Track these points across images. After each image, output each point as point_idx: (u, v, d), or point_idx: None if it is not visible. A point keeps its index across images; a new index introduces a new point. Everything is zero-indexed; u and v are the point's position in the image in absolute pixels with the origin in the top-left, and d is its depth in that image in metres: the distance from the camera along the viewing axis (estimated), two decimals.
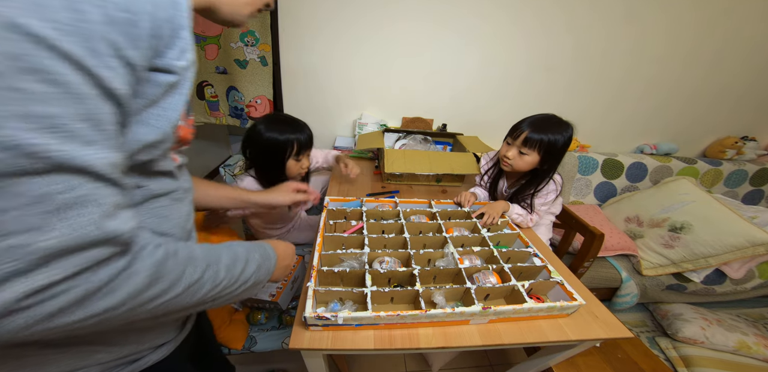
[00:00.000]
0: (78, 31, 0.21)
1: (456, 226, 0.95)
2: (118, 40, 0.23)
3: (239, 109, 1.74)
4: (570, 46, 1.58)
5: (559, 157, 1.01)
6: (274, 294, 1.03)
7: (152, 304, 0.30)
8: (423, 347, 0.63)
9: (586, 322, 0.72)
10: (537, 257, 0.83)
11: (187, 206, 0.45)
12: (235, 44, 1.56)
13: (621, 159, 1.85)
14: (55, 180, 0.22)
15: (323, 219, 0.88)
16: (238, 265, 0.41)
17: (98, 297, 0.26)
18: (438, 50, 1.56)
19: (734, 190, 1.99)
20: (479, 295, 0.70)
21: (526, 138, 0.97)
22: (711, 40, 1.63)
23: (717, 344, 1.32)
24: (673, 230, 1.52)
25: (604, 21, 1.53)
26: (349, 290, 0.66)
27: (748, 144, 1.96)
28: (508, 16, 1.49)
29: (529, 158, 1.00)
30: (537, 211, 1.09)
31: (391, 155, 1.31)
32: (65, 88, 0.21)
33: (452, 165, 1.32)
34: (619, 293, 1.54)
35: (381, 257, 0.78)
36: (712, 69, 1.73)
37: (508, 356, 1.42)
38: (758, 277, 1.54)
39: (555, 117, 1.00)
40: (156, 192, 0.38)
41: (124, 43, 0.24)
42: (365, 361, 1.33)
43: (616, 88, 1.75)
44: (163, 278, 0.31)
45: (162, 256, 0.31)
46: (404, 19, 1.47)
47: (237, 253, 0.43)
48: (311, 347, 0.60)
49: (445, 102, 1.71)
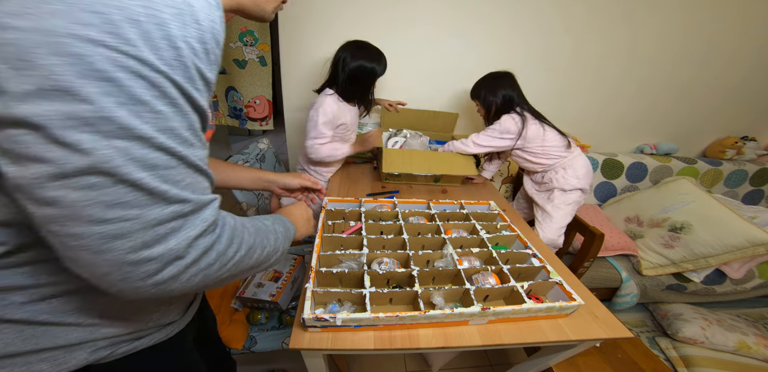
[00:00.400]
0: (180, 64, 0.28)
1: (455, 228, 0.95)
2: (202, 67, 0.31)
3: (238, 109, 1.74)
4: (569, 46, 1.58)
5: (489, 96, 1.27)
6: (274, 294, 1.03)
7: (230, 263, 0.37)
8: (423, 347, 0.63)
9: (586, 322, 0.72)
10: (536, 258, 0.83)
11: None
12: (234, 44, 1.56)
13: (621, 159, 1.85)
14: (180, 171, 0.31)
15: (322, 219, 0.88)
16: (271, 236, 0.48)
17: (205, 255, 0.34)
18: (438, 50, 1.56)
19: (734, 190, 1.99)
20: (478, 296, 0.70)
21: (470, 95, 1.36)
22: (712, 40, 1.63)
23: (717, 344, 1.32)
24: (673, 230, 1.52)
25: (602, 21, 1.53)
26: (348, 291, 0.66)
27: (748, 144, 1.96)
28: (506, 18, 1.49)
29: (479, 106, 1.34)
30: (474, 136, 1.33)
31: (389, 155, 1.31)
32: (179, 108, 0.29)
33: (451, 166, 1.33)
34: (619, 293, 1.54)
35: (380, 258, 0.78)
36: (711, 69, 1.73)
37: (508, 356, 1.42)
38: (758, 277, 1.54)
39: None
40: None
41: (206, 68, 0.31)
42: (365, 361, 1.33)
43: (616, 88, 1.75)
44: (233, 242, 0.38)
45: (232, 224, 0.39)
46: (404, 19, 1.47)
47: (266, 225, 0.49)
48: (311, 347, 0.60)
49: (446, 102, 1.71)
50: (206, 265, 0.34)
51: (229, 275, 0.39)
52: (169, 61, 0.27)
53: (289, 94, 1.66)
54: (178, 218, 0.31)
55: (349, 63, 1.12)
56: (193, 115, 0.31)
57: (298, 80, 1.60)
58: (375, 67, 1.14)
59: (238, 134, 3.90)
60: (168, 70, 0.27)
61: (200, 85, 0.31)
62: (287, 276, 1.11)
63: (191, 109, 0.31)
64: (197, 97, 0.31)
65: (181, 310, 0.54)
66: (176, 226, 0.31)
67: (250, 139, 3.77)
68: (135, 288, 0.31)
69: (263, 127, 1.79)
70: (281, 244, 0.50)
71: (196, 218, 0.32)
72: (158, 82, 0.27)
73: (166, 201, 0.30)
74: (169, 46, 0.27)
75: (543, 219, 1.31)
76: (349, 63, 1.12)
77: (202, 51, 0.30)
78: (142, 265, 0.29)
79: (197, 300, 0.60)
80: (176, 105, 0.29)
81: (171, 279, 0.32)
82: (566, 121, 1.27)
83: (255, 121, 1.76)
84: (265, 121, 1.77)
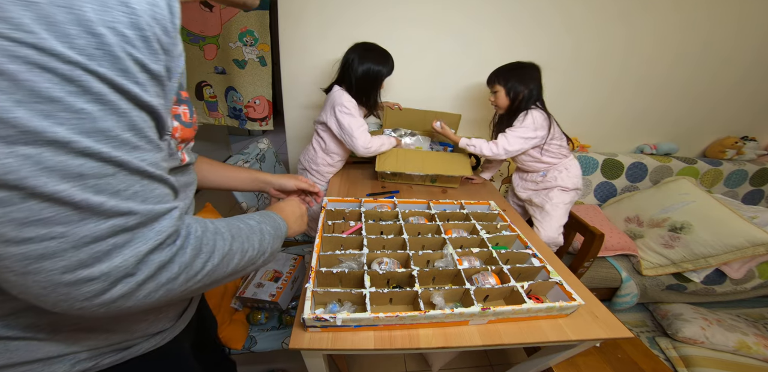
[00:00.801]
0: (104, 54, 0.24)
1: (455, 228, 0.95)
2: (142, 58, 0.26)
3: (238, 109, 1.74)
4: (569, 46, 1.58)
5: (518, 85, 1.19)
6: (274, 294, 1.03)
7: (200, 274, 0.35)
8: (423, 347, 0.63)
9: (586, 322, 0.72)
10: (536, 258, 0.83)
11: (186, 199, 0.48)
12: (233, 44, 1.56)
13: (621, 159, 1.85)
14: (120, 179, 0.27)
15: (322, 219, 0.88)
16: (255, 237, 0.45)
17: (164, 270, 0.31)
18: (439, 50, 1.56)
19: (734, 190, 1.98)
20: (478, 296, 0.70)
21: (489, 79, 1.25)
22: (712, 40, 1.63)
23: (717, 344, 1.32)
24: (673, 230, 1.52)
25: (601, 21, 1.53)
26: (348, 291, 0.66)
27: (748, 144, 1.96)
28: (507, 18, 1.49)
29: (500, 93, 1.23)
30: (505, 136, 1.23)
31: (383, 154, 1.31)
32: (110, 105, 0.25)
33: (445, 166, 1.32)
34: (619, 293, 1.54)
35: (380, 258, 0.78)
36: (712, 70, 1.73)
37: (508, 356, 1.42)
38: (758, 277, 1.54)
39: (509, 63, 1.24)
40: None
41: (148, 59, 0.27)
42: (365, 361, 1.33)
43: (616, 88, 1.75)
44: (202, 251, 0.35)
45: (199, 233, 0.35)
46: (405, 19, 1.47)
47: (251, 226, 0.46)
48: (311, 347, 0.60)
49: (446, 102, 1.71)
50: (167, 279, 0.31)
51: (202, 285, 0.36)
52: (87, 50, 0.23)
53: (289, 94, 1.65)
54: (122, 233, 0.27)
55: (358, 65, 1.16)
56: (137, 112, 0.27)
57: (298, 80, 1.60)
58: (382, 69, 1.19)
59: (238, 134, 3.90)
60: (85, 60, 0.23)
61: (143, 79, 0.27)
62: (287, 276, 1.11)
63: (132, 106, 0.27)
64: (139, 93, 0.27)
65: (174, 317, 0.51)
66: (120, 242, 0.27)
67: (250, 139, 3.77)
68: (79, 308, 0.28)
69: (263, 127, 1.79)
70: (269, 244, 0.47)
71: (149, 231, 0.29)
72: (73, 76, 0.23)
73: (102, 215, 0.26)
74: (85, 33, 0.23)
75: (543, 218, 1.31)
76: (358, 65, 1.16)
77: (138, 38, 0.26)
78: (82, 285, 0.26)
79: (193, 305, 0.57)
80: (105, 102, 0.25)
81: (123, 297, 0.29)
82: (566, 121, 1.27)
83: (255, 121, 1.76)
84: (264, 121, 1.77)
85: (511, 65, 1.23)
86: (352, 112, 1.20)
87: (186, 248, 0.33)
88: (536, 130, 1.21)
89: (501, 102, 1.25)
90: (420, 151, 1.40)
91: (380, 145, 1.27)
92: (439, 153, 1.42)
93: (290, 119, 1.74)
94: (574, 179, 1.31)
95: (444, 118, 1.59)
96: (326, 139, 1.32)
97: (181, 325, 0.52)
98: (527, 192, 1.41)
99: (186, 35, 1.56)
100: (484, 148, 1.25)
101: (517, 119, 1.23)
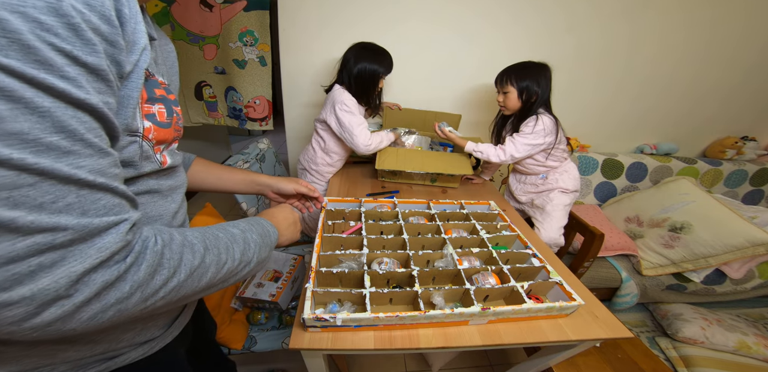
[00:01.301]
0: (11, 43, 0.20)
1: (455, 228, 0.94)
2: (68, 48, 0.23)
3: (238, 109, 1.74)
4: (571, 46, 1.58)
5: (533, 86, 1.14)
6: (274, 294, 1.03)
7: (162, 291, 0.32)
8: (423, 347, 0.63)
9: (586, 322, 0.72)
10: (536, 258, 0.83)
11: (173, 203, 0.46)
12: (233, 44, 1.56)
13: (621, 159, 1.85)
14: (45, 190, 0.23)
15: (322, 219, 0.88)
16: (236, 247, 0.41)
17: (112, 289, 0.28)
18: (439, 50, 1.56)
19: (734, 190, 1.99)
20: (478, 296, 0.70)
21: (499, 79, 1.19)
22: (714, 40, 1.63)
23: (717, 344, 1.32)
24: (673, 230, 1.52)
25: (603, 21, 1.53)
26: (348, 291, 0.66)
27: (748, 144, 1.96)
28: (507, 18, 1.49)
29: (511, 95, 1.17)
30: (512, 141, 1.20)
31: (383, 152, 1.31)
32: (24, 103, 0.21)
33: (445, 165, 1.31)
34: (619, 293, 1.54)
35: (380, 258, 0.78)
36: (711, 69, 1.73)
37: (508, 356, 1.42)
38: (758, 277, 1.54)
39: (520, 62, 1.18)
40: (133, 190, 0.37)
41: (78, 49, 0.23)
42: (365, 361, 1.33)
43: (616, 88, 1.75)
44: (163, 267, 0.32)
45: (159, 248, 0.32)
46: (405, 19, 1.47)
47: (233, 235, 0.43)
48: (311, 347, 0.60)
49: (446, 103, 1.71)
50: (117, 299, 0.28)
51: (167, 302, 0.33)
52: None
53: (289, 94, 1.65)
54: (48, 251, 0.24)
55: (354, 64, 1.17)
56: (69, 111, 0.24)
57: (298, 80, 1.60)
58: (378, 68, 1.19)
59: (238, 134, 3.90)
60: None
61: (72, 72, 0.23)
62: (287, 276, 1.11)
63: (60, 105, 0.23)
64: (68, 89, 0.23)
65: (164, 325, 0.49)
66: (47, 262, 0.24)
67: (250, 139, 3.77)
68: (10, 332, 0.25)
69: (263, 127, 1.79)
70: (254, 254, 0.44)
71: (88, 248, 0.26)
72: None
73: (17, 232, 0.22)
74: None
75: (543, 219, 1.31)
76: (354, 64, 1.17)
77: (62, 26, 0.22)
78: (2, 309, 0.23)
79: (187, 311, 0.55)
80: (16, 99, 0.21)
81: (59, 321, 0.25)
82: (566, 121, 1.27)
83: (255, 121, 1.76)
84: (264, 121, 1.77)
85: (523, 64, 1.17)
86: (352, 110, 1.20)
87: (140, 265, 0.29)
88: (546, 137, 1.17)
89: (512, 104, 1.19)
90: (420, 151, 1.40)
91: (380, 142, 1.27)
92: (439, 152, 1.42)
93: (290, 119, 1.74)
94: (575, 181, 1.31)
95: (444, 119, 1.58)
96: (326, 138, 1.32)
97: (173, 332, 0.50)
98: (528, 195, 1.40)
99: (186, 35, 1.56)
100: (491, 154, 1.23)
101: (525, 124, 1.19)
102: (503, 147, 1.22)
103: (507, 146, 1.21)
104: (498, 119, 1.35)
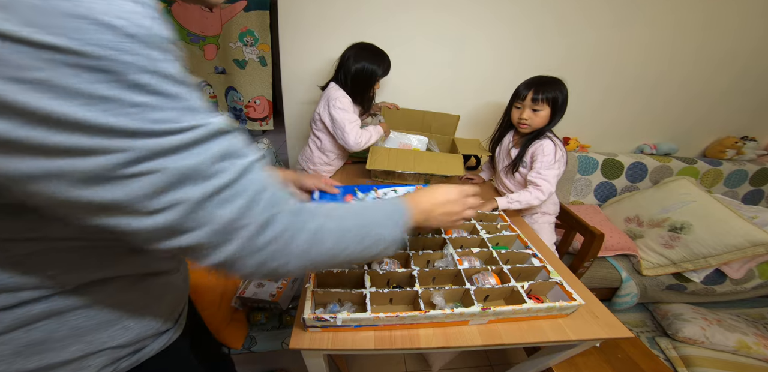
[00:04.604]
0: None
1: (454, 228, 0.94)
2: None
3: (238, 109, 1.74)
4: (566, 47, 1.58)
5: (563, 110, 1.10)
6: (275, 294, 1.03)
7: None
8: (423, 347, 0.63)
9: (586, 322, 0.72)
10: (536, 258, 0.83)
11: None
12: (234, 44, 1.56)
13: (621, 159, 1.85)
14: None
15: None
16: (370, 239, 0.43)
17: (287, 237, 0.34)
18: (439, 52, 1.56)
19: (734, 190, 1.98)
20: (479, 296, 0.70)
21: (534, 96, 1.08)
22: (711, 41, 1.63)
23: (717, 344, 1.32)
24: (673, 230, 1.52)
25: (598, 21, 1.53)
26: (348, 291, 0.66)
27: (748, 144, 1.96)
28: (505, 19, 1.49)
29: (543, 113, 1.09)
30: (544, 178, 1.11)
31: (375, 152, 1.29)
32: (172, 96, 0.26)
33: (437, 166, 1.29)
34: (619, 293, 1.54)
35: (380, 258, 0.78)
36: (711, 69, 1.73)
37: (508, 356, 1.42)
38: (758, 277, 1.54)
39: (546, 76, 1.11)
40: None
41: None
42: (365, 361, 1.33)
43: (616, 88, 1.75)
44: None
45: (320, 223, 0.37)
46: (405, 20, 1.47)
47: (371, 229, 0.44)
48: (311, 347, 0.60)
49: (447, 104, 1.71)
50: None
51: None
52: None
53: (289, 94, 1.65)
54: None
55: (353, 63, 1.17)
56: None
57: (298, 80, 1.60)
58: (377, 68, 1.20)
59: None
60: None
61: None
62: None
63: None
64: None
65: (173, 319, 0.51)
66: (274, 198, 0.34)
67: (250, 139, 3.76)
68: (241, 248, 0.31)
69: (263, 127, 1.79)
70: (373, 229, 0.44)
71: None
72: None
73: None
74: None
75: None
76: (353, 63, 1.17)
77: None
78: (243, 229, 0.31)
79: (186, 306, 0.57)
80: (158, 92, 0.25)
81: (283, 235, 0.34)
82: (566, 121, 1.26)
83: (255, 121, 1.77)
84: (264, 121, 1.77)
85: (550, 80, 1.09)
86: (345, 107, 1.21)
87: None
88: (564, 156, 1.13)
89: (540, 122, 1.11)
90: (412, 151, 1.38)
91: (369, 138, 1.27)
92: (433, 153, 1.40)
93: (290, 119, 1.74)
94: (555, 207, 1.30)
95: (443, 119, 1.57)
96: (321, 137, 1.32)
97: (180, 324, 0.53)
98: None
99: (186, 35, 1.56)
100: (531, 199, 1.12)
101: (541, 153, 1.11)
102: (538, 187, 1.12)
103: (542, 185, 1.11)
104: (495, 135, 1.30)
